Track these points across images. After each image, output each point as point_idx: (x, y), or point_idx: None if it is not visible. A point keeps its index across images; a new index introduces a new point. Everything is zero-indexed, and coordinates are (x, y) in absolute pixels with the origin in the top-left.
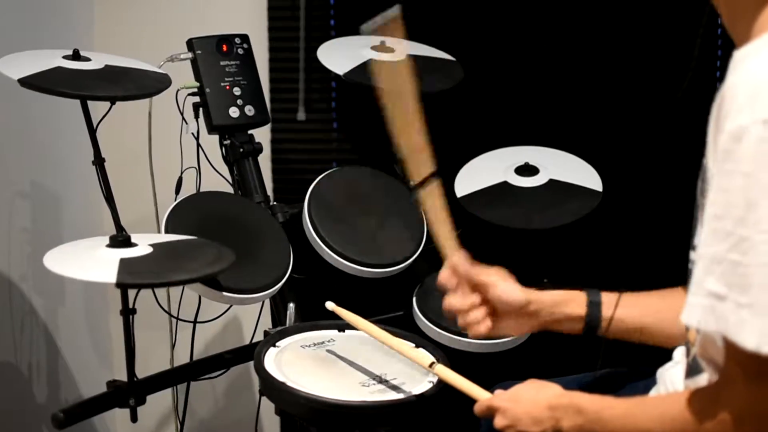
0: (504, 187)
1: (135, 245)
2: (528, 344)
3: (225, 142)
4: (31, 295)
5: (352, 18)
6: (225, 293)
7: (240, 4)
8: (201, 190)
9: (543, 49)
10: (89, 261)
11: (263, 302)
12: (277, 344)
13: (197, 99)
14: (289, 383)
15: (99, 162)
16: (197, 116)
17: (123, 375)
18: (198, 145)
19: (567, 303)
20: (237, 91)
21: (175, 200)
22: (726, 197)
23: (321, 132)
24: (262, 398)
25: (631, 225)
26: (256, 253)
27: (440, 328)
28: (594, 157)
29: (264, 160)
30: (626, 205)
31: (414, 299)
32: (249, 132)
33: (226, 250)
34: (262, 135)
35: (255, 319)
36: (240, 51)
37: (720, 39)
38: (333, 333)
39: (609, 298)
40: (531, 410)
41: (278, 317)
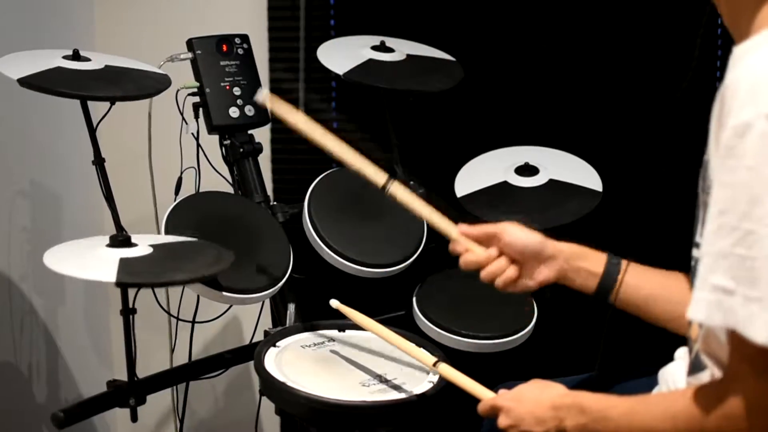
0: (504, 187)
1: (135, 245)
2: (530, 344)
3: (225, 142)
4: (31, 295)
5: (352, 18)
6: (225, 293)
7: (240, 4)
8: (201, 190)
9: (543, 49)
10: (89, 260)
11: (263, 302)
12: (278, 344)
13: (197, 99)
14: (290, 383)
15: (99, 162)
16: (197, 116)
17: (123, 375)
18: (198, 145)
19: (585, 257)
20: (237, 91)
21: (175, 200)
22: (730, 193)
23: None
24: (262, 398)
25: (631, 225)
26: (256, 253)
27: (441, 328)
28: (594, 157)
29: (264, 160)
30: (626, 205)
31: (414, 299)
32: (249, 132)
33: (226, 251)
34: (262, 135)
35: (255, 319)
36: (240, 51)
37: (720, 38)
38: (333, 333)
39: (626, 265)
40: (534, 410)
41: (278, 317)
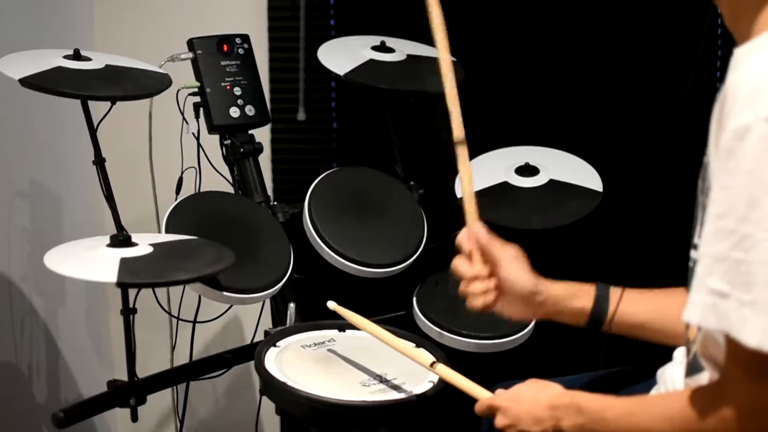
0: (504, 188)
1: (135, 245)
2: (529, 344)
3: (225, 142)
4: (31, 295)
5: (353, 18)
6: (225, 293)
7: (240, 4)
8: (201, 190)
9: (543, 50)
10: (90, 260)
11: (264, 302)
12: (278, 344)
13: (198, 99)
14: (290, 383)
15: (99, 162)
16: (198, 116)
17: (123, 375)
18: (198, 145)
19: (574, 297)
20: (237, 91)
21: (176, 200)
22: (728, 196)
23: (321, 132)
24: (263, 398)
25: (631, 225)
26: (257, 253)
27: (440, 328)
28: (594, 157)
29: (264, 160)
30: (626, 205)
31: (414, 299)
32: (249, 132)
33: (226, 250)
34: (263, 135)
35: (255, 319)
36: (240, 51)
37: (720, 39)
38: (333, 333)
39: (616, 293)
40: (532, 410)
41: (279, 317)
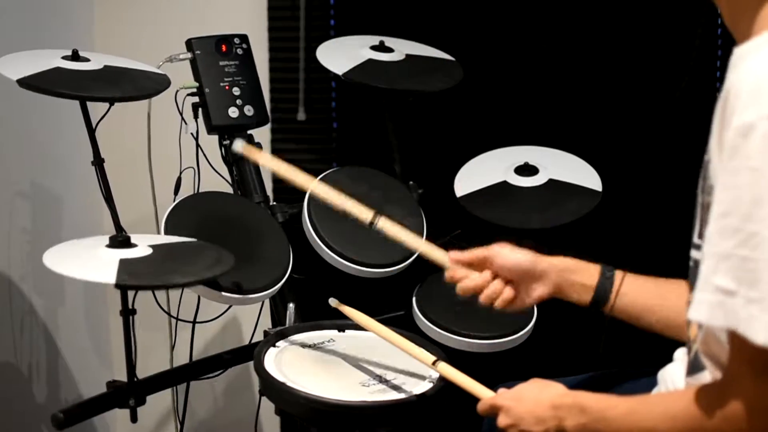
0: (504, 187)
1: (135, 246)
2: (530, 344)
3: (224, 142)
4: (31, 295)
5: (352, 18)
6: (225, 293)
7: (240, 4)
8: (200, 191)
9: (543, 49)
10: (89, 261)
11: (263, 302)
12: (277, 344)
13: (196, 99)
14: (289, 383)
15: (98, 162)
16: (196, 116)
17: (123, 375)
18: (197, 146)
19: (578, 271)
20: (236, 92)
21: (175, 200)
22: (733, 194)
23: (321, 132)
24: (262, 398)
25: (631, 225)
26: (256, 253)
27: (440, 328)
28: (594, 157)
29: None
30: (626, 205)
31: (414, 299)
32: (248, 132)
33: (226, 253)
34: (262, 135)
35: (255, 319)
36: (239, 51)
37: (720, 38)
38: (333, 333)
39: (621, 276)
40: (534, 409)
41: (278, 317)
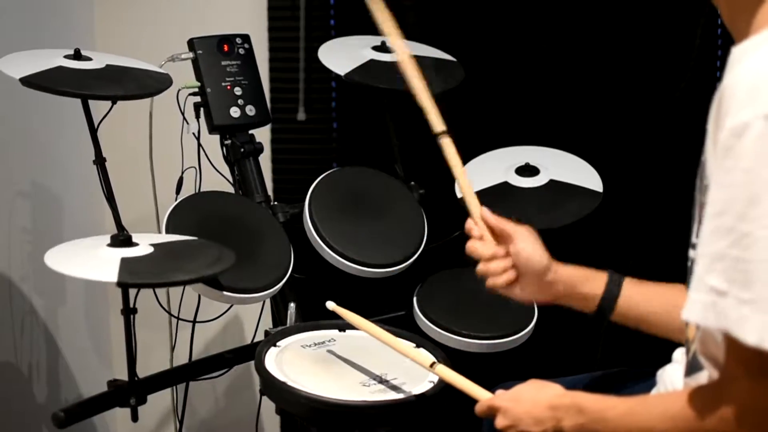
0: (504, 188)
1: (136, 245)
2: (529, 344)
3: (226, 142)
4: (32, 295)
5: (353, 18)
6: (226, 293)
7: (240, 4)
8: (202, 190)
9: (543, 50)
10: (90, 260)
11: (264, 302)
12: (278, 344)
13: (198, 99)
14: (290, 383)
15: (100, 161)
16: (198, 116)
17: (123, 374)
18: (199, 145)
19: (586, 281)
20: (238, 91)
21: (176, 200)
22: (726, 194)
23: (321, 132)
24: (263, 398)
25: (632, 225)
26: (257, 253)
27: (441, 328)
28: (594, 157)
29: (264, 160)
30: (626, 205)
31: (414, 299)
32: (250, 132)
33: (227, 251)
34: (263, 135)
35: (256, 319)
36: (241, 51)
37: (720, 38)
38: (333, 333)
39: (628, 282)
40: (532, 410)
41: (279, 317)
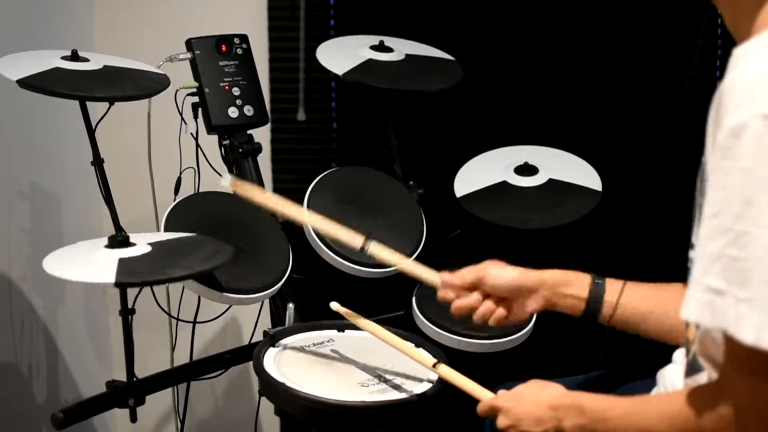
0: (503, 187)
1: (134, 245)
2: (529, 344)
3: (224, 142)
4: (31, 295)
5: (352, 18)
6: (224, 293)
7: (240, 4)
8: (200, 190)
9: (543, 50)
10: (89, 263)
11: (263, 302)
12: (277, 344)
13: (196, 99)
14: (289, 383)
15: (98, 162)
16: (196, 116)
17: (122, 375)
18: (197, 145)
19: (569, 283)
20: (236, 91)
21: (175, 200)
22: (724, 194)
23: (321, 132)
24: (262, 398)
25: (631, 225)
26: (256, 253)
27: (440, 328)
28: (594, 157)
29: (264, 160)
30: (626, 205)
31: (414, 299)
32: (248, 132)
33: (224, 245)
34: (262, 135)
35: (254, 320)
36: (239, 51)
37: (720, 39)
38: (332, 333)
39: (612, 285)
40: (533, 410)
41: (278, 317)
